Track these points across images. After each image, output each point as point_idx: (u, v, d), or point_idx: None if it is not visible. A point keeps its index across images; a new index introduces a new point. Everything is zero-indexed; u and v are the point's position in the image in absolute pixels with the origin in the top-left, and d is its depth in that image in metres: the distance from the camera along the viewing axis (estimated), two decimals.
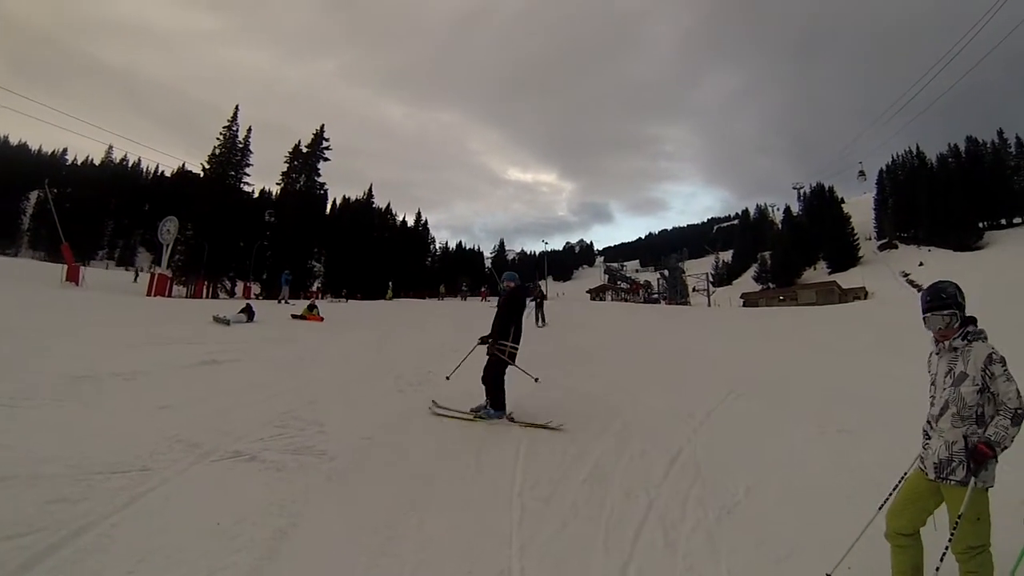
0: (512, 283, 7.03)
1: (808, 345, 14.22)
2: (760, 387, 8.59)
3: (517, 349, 6.65)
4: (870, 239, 79.79)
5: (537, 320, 18.04)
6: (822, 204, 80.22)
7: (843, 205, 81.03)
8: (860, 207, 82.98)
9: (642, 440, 5.77)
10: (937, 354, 2.98)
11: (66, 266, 26.54)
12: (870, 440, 5.69)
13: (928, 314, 2.96)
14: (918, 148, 76.22)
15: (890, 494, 3.17)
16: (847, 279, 65.87)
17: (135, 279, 33.57)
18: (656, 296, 76.05)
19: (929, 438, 2.92)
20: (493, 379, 6.48)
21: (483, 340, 6.74)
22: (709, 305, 61.92)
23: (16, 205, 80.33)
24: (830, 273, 72.75)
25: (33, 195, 79.52)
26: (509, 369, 6.58)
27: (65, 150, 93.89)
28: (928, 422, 2.96)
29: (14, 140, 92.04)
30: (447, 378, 7.20)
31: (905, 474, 3.15)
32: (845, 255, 74.84)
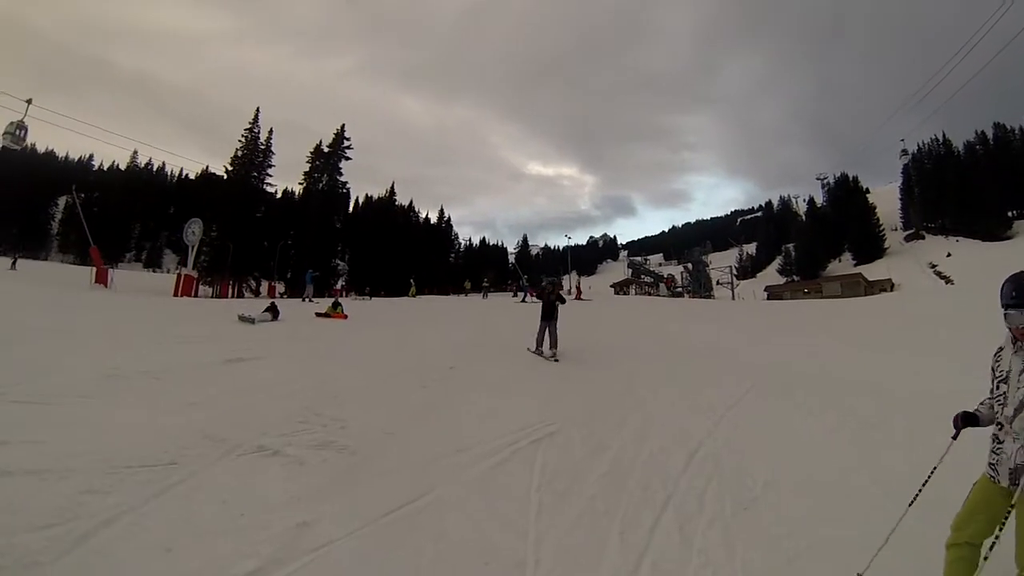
0: None
1: (832, 338, 14.02)
2: (783, 381, 8.50)
3: None
4: (896, 230, 77.87)
5: (545, 342, 10.47)
6: (847, 194, 78.41)
7: (868, 195, 79.19)
8: (885, 197, 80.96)
9: (662, 435, 5.77)
10: (1015, 352, 2.72)
11: (95, 269, 27.20)
12: (892, 434, 5.61)
13: (1012, 311, 2.69)
14: (944, 135, 74.09)
15: (919, 491, 3.06)
16: (873, 271, 64.46)
17: (12, 266, 32.65)
18: (680, 290, 75.31)
19: (1001, 442, 2.69)
20: None
21: None
22: (733, 298, 61.06)
23: (45, 211, 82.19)
24: (855, 265, 71.13)
25: (61, 201, 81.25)
26: None
27: (91, 156, 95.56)
28: (999, 424, 2.73)
29: (41, 148, 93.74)
30: None
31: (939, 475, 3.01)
32: (871, 246, 73.15)
